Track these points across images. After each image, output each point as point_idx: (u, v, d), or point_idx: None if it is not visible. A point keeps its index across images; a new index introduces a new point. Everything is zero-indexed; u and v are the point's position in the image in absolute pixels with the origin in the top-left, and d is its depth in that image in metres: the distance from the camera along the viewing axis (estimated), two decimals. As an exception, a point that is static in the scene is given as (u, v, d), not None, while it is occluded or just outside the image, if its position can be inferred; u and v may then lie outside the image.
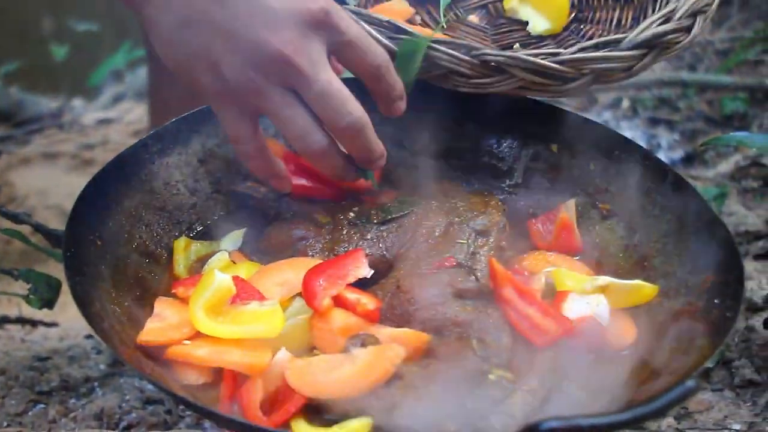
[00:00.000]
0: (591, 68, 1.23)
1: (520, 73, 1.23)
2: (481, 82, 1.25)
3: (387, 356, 1.02)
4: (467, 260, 1.17)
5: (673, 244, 1.23)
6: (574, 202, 1.31)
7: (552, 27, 1.45)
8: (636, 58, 1.24)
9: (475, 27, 1.49)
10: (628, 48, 1.23)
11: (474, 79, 1.25)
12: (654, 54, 1.25)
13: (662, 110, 2.79)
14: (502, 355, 1.05)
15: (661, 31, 1.24)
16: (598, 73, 1.24)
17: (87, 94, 3.27)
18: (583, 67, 1.22)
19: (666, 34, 1.24)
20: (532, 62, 1.22)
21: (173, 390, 1.01)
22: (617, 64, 1.23)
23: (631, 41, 1.23)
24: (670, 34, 1.25)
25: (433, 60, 1.24)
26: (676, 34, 1.25)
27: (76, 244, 1.13)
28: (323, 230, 1.23)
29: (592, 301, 1.15)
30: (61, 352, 1.63)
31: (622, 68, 1.24)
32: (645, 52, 1.24)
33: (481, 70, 1.24)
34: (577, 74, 1.23)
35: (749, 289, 1.65)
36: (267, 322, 1.08)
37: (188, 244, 1.28)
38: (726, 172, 2.31)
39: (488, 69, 1.24)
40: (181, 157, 1.33)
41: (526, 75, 1.23)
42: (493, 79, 1.25)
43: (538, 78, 1.23)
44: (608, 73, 1.25)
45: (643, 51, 1.24)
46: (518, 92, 1.27)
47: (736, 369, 1.45)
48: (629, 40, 1.23)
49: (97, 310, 1.07)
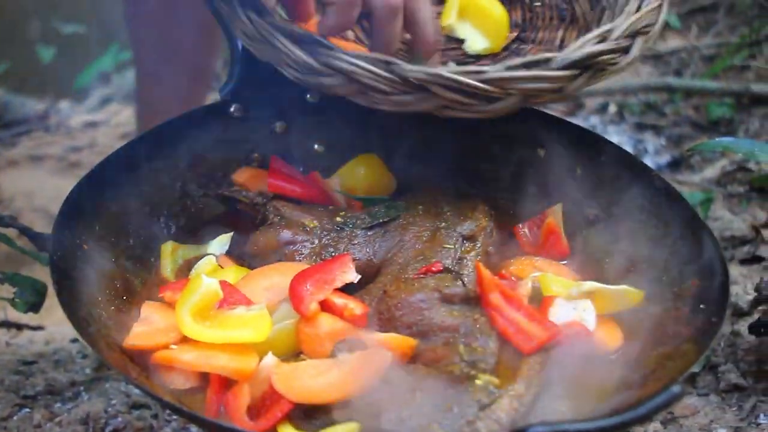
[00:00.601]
0: (518, 88, 1.14)
1: (442, 92, 1.14)
2: (402, 99, 1.16)
3: (374, 361, 1.02)
4: (454, 265, 1.17)
5: (659, 249, 1.23)
6: (561, 207, 1.31)
7: (491, 46, 1.40)
8: (567, 78, 1.15)
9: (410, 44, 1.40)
10: (558, 68, 1.14)
11: (394, 96, 1.16)
12: (588, 75, 1.17)
13: (649, 115, 2.80)
14: (489, 360, 1.05)
15: (596, 51, 1.16)
16: (526, 93, 1.15)
17: (74, 97, 3.26)
18: (510, 86, 1.14)
19: (601, 54, 1.16)
20: (455, 80, 1.13)
21: (159, 394, 1.01)
22: (546, 85, 1.15)
23: (562, 60, 1.15)
24: (605, 54, 1.16)
25: (352, 75, 1.16)
26: (612, 55, 1.17)
27: (63, 248, 1.13)
28: (311, 235, 1.23)
29: (579, 306, 1.16)
30: (47, 356, 1.62)
31: (552, 89, 1.16)
32: (577, 72, 1.16)
33: (401, 87, 1.15)
34: (503, 94, 1.14)
35: (735, 293, 1.65)
36: (254, 326, 1.08)
37: (175, 247, 1.28)
38: (712, 177, 2.32)
39: (409, 86, 1.14)
40: (168, 160, 1.33)
41: (448, 93, 1.14)
42: (414, 97, 1.15)
43: (461, 97, 1.14)
44: (537, 93, 1.16)
45: (575, 71, 1.15)
46: (442, 112, 1.18)
47: (721, 374, 1.46)
48: (561, 59, 1.15)
49: (84, 314, 1.06)
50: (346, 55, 1.16)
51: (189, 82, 2.24)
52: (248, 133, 1.38)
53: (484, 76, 1.13)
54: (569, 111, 2.88)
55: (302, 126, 1.41)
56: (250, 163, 1.38)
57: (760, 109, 2.61)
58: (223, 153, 1.37)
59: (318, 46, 1.17)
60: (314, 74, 1.18)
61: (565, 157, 1.35)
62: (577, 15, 1.40)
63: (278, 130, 1.40)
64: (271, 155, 1.38)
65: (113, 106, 3.17)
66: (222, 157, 1.37)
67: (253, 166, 1.38)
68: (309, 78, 1.18)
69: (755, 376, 1.44)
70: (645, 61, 3.15)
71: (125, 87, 3.23)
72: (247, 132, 1.38)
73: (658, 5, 1.22)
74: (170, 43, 2.17)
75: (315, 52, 1.17)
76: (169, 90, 2.21)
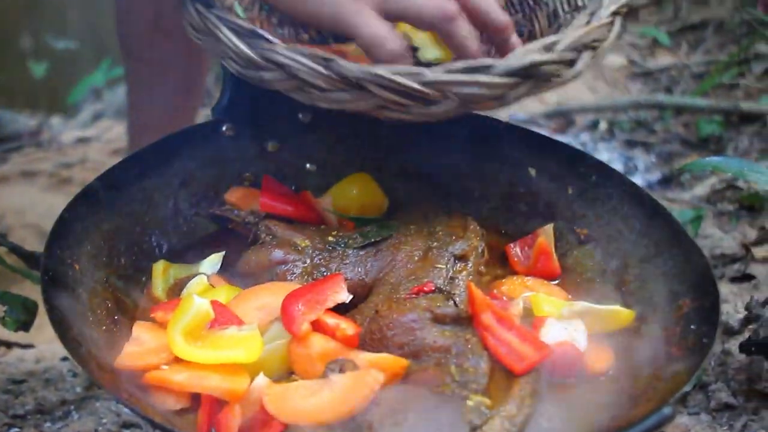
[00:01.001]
0: (456, 92, 1.12)
1: (379, 91, 1.12)
2: (339, 97, 1.15)
3: (366, 382, 1.02)
4: (446, 285, 1.17)
5: (650, 269, 1.24)
6: (552, 226, 1.32)
7: (442, 56, 1.37)
8: (508, 86, 1.13)
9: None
10: (498, 74, 1.12)
11: (331, 93, 1.15)
12: (530, 84, 1.15)
13: (639, 132, 2.82)
14: (481, 381, 1.06)
15: (538, 61, 1.13)
16: (465, 98, 1.13)
17: (66, 112, 3.25)
18: (448, 90, 1.12)
19: (543, 64, 1.14)
20: (391, 80, 1.11)
21: (150, 415, 1.01)
22: (486, 91, 1.13)
23: (503, 68, 1.12)
24: (548, 65, 1.14)
25: (290, 70, 1.15)
26: (556, 66, 1.15)
27: (54, 268, 1.12)
28: (302, 254, 1.23)
29: (570, 326, 1.16)
30: (37, 375, 1.61)
31: (492, 95, 1.14)
32: (518, 81, 1.14)
33: (338, 85, 1.14)
34: (441, 97, 1.13)
35: (725, 312, 1.66)
36: (245, 346, 1.07)
37: (167, 267, 1.27)
38: (702, 194, 2.33)
39: (346, 84, 1.14)
40: (160, 179, 1.33)
41: (385, 93, 1.13)
42: (351, 95, 1.14)
43: (399, 98, 1.13)
44: (476, 99, 1.14)
45: (516, 80, 1.13)
46: (379, 112, 1.17)
47: (712, 392, 1.46)
48: (502, 66, 1.13)
49: (75, 334, 1.06)
50: (285, 50, 1.15)
51: (180, 98, 2.24)
52: (240, 152, 1.38)
53: (423, 78, 1.12)
54: (559, 128, 2.89)
55: (294, 145, 1.41)
56: (241, 182, 1.39)
57: (749, 126, 2.63)
58: (214, 172, 1.37)
59: (259, 39, 1.17)
60: (255, 68, 1.18)
61: (556, 176, 1.36)
62: (535, 32, 1.40)
63: (270, 149, 1.40)
64: (263, 174, 1.38)
65: (105, 122, 3.17)
66: (214, 176, 1.37)
67: (245, 186, 1.38)
68: (250, 72, 1.19)
69: (746, 395, 1.44)
70: (635, 78, 3.17)
71: (117, 103, 3.23)
72: (239, 151, 1.38)
73: (609, 21, 1.21)
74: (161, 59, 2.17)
75: (255, 45, 1.17)
76: (160, 106, 2.21)
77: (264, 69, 1.17)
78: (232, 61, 1.20)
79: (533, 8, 1.41)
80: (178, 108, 2.23)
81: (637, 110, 2.86)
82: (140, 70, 2.23)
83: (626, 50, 3.37)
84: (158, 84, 2.21)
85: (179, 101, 2.24)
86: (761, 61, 2.88)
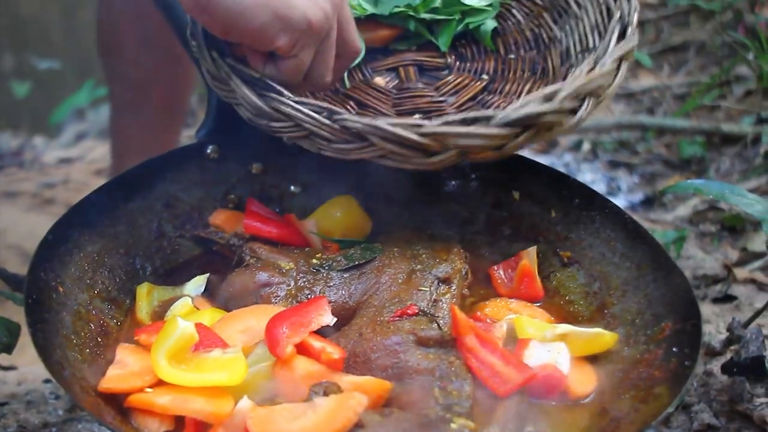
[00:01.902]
0: (455, 144, 1.15)
1: (380, 143, 1.16)
2: (343, 147, 1.19)
3: (349, 405, 1.02)
4: (429, 308, 1.17)
5: (632, 291, 1.25)
6: (535, 249, 1.32)
7: None
8: (507, 137, 1.15)
9: (379, 90, 1.45)
10: (498, 125, 1.14)
11: (335, 144, 1.19)
12: (530, 134, 1.16)
13: (622, 153, 2.84)
14: (464, 404, 1.06)
15: (537, 112, 1.14)
16: (464, 149, 1.16)
17: (48, 133, 3.25)
18: (447, 141, 1.15)
19: (543, 114, 1.15)
20: (392, 132, 1.15)
21: (134, 438, 1.01)
22: (484, 142, 1.15)
23: (502, 119, 1.14)
24: (548, 115, 1.15)
25: (297, 121, 1.20)
26: (557, 116, 1.16)
27: (38, 291, 1.12)
28: (287, 276, 1.23)
29: (553, 348, 1.17)
30: (19, 397, 1.61)
31: (491, 146, 1.16)
32: (518, 131, 1.15)
33: (342, 136, 1.18)
34: (440, 148, 1.16)
35: (707, 332, 1.67)
36: (230, 369, 1.07)
37: (151, 289, 1.27)
38: (685, 215, 2.35)
39: (349, 135, 1.18)
40: (145, 201, 1.33)
41: (386, 145, 1.16)
42: (354, 146, 1.19)
43: (399, 149, 1.16)
44: (475, 149, 1.17)
45: (516, 130, 1.15)
46: (381, 161, 1.20)
47: (695, 413, 1.47)
48: (501, 117, 1.14)
49: (59, 358, 1.06)
50: (293, 102, 1.20)
51: (163, 118, 2.24)
52: (224, 174, 1.39)
53: (422, 130, 1.15)
54: (543, 149, 2.91)
55: (278, 168, 1.41)
56: (226, 204, 1.39)
57: (731, 147, 2.65)
58: (199, 194, 1.37)
59: (269, 90, 1.21)
60: (265, 117, 1.22)
61: (539, 199, 1.37)
62: (548, 69, 1.41)
63: (255, 172, 1.41)
64: (248, 197, 1.38)
65: (88, 142, 3.17)
66: (198, 198, 1.37)
67: (230, 208, 1.39)
68: (260, 120, 1.23)
69: (728, 416, 1.45)
70: (618, 100, 3.19)
71: (100, 123, 3.23)
72: (224, 173, 1.39)
73: (615, 67, 1.21)
74: (144, 79, 2.18)
75: (265, 96, 1.21)
76: (143, 126, 2.22)
77: (273, 119, 1.21)
78: (245, 110, 1.24)
79: (548, 46, 1.43)
80: (162, 128, 2.23)
81: (620, 131, 2.88)
82: (123, 90, 2.23)
83: (608, 71, 3.39)
84: (141, 104, 2.22)
85: (163, 121, 2.24)
86: (742, 84, 2.91)
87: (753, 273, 1.92)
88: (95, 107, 3.31)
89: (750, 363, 1.43)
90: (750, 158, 2.54)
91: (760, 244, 2.04)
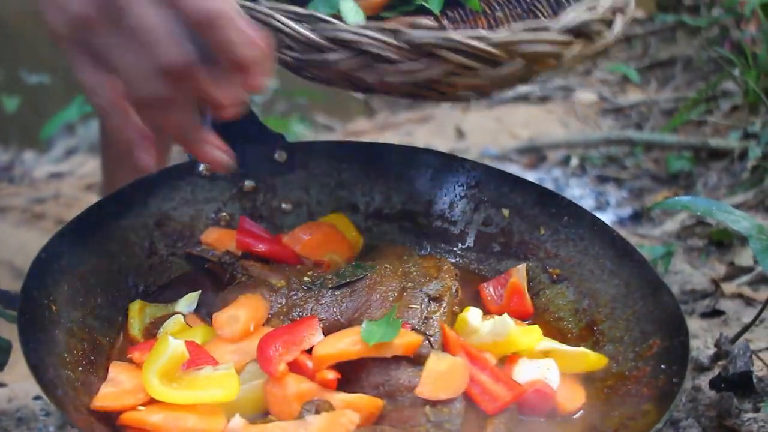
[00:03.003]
0: (522, 51, 1.18)
1: (451, 56, 1.16)
2: (410, 67, 1.17)
3: (341, 423, 1.03)
4: (420, 325, 1.18)
5: (620, 309, 1.26)
6: (525, 266, 1.34)
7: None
8: (564, 43, 1.21)
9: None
10: (557, 31, 1.20)
11: (402, 64, 1.17)
12: (580, 43, 1.23)
13: (610, 168, 2.85)
14: (455, 421, 1.07)
15: (587, 19, 1.22)
16: (530, 57, 1.19)
17: (39, 147, 3.25)
18: (514, 50, 1.18)
19: (591, 22, 1.22)
20: (464, 43, 1.16)
21: (127, 457, 1.01)
22: (548, 48, 1.19)
23: (560, 25, 1.20)
24: (595, 23, 1.23)
25: (358, 46, 1.17)
26: (600, 26, 1.24)
27: (31, 309, 1.12)
28: (278, 294, 1.24)
29: (542, 365, 1.18)
30: (9, 414, 1.60)
31: (553, 53, 1.21)
32: (571, 39, 1.22)
33: (409, 54, 1.17)
34: (507, 58, 1.18)
35: (695, 348, 1.68)
36: (222, 386, 1.08)
37: (143, 306, 1.28)
38: (672, 230, 2.36)
39: (417, 53, 1.17)
40: (137, 219, 1.33)
41: (457, 57, 1.16)
42: (422, 64, 1.17)
43: (469, 61, 1.17)
44: (539, 57, 1.20)
45: (570, 37, 1.21)
46: (449, 79, 1.20)
47: (683, 429, 1.47)
48: (558, 24, 1.20)
49: (52, 377, 1.06)
50: (350, 27, 1.18)
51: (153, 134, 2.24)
52: (216, 192, 1.40)
53: (492, 39, 1.17)
54: (531, 163, 2.92)
55: (270, 185, 1.42)
56: (218, 221, 1.39)
57: (718, 162, 2.67)
58: (191, 212, 1.38)
59: (319, 21, 1.19)
60: (317, 51, 1.19)
61: (529, 217, 1.38)
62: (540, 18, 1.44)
63: (246, 189, 1.41)
64: (240, 215, 1.39)
65: (78, 157, 3.17)
66: (190, 216, 1.38)
67: (221, 225, 1.39)
68: (312, 56, 1.19)
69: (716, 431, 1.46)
70: (606, 114, 3.21)
71: (90, 138, 3.23)
72: (215, 191, 1.40)
73: None
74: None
75: (318, 27, 1.18)
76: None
77: (327, 50, 1.18)
78: (290, 50, 1.20)
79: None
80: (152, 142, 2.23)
81: (608, 146, 2.91)
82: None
83: (597, 87, 3.42)
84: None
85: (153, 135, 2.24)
86: (728, 99, 2.94)
87: (741, 288, 1.94)
88: (85, 122, 3.31)
89: (738, 378, 1.44)
90: (737, 173, 2.56)
91: (747, 258, 2.05)
